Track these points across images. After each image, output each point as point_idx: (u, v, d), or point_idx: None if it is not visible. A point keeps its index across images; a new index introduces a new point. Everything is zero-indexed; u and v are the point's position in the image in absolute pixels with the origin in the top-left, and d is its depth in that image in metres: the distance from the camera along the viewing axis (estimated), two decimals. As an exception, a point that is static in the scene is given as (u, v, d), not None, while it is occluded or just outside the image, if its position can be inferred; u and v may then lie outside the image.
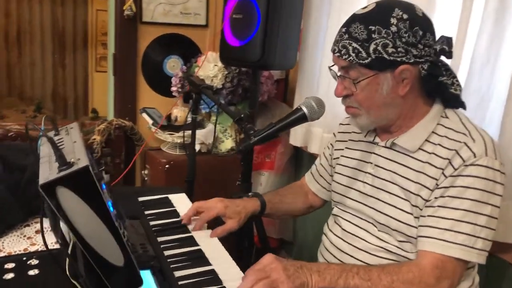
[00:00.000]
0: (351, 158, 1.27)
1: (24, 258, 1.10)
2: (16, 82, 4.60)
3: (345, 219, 1.25)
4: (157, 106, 2.56)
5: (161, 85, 2.60)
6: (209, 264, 1.11)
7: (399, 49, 1.04)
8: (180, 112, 2.41)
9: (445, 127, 1.10)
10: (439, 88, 1.12)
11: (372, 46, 1.04)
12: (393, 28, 1.04)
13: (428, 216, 1.05)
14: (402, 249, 1.12)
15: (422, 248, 1.04)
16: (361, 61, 1.06)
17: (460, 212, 1.01)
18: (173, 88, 2.45)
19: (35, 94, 4.62)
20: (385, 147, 1.17)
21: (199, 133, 2.34)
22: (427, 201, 1.06)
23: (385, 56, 1.04)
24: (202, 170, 2.20)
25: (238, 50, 1.97)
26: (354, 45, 1.06)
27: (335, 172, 1.32)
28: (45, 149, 0.92)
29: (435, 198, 1.05)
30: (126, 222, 1.22)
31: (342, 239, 1.23)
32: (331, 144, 1.41)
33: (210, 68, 2.33)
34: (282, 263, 0.98)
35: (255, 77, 2.07)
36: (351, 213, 1.24)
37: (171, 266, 1.08)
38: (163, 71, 2.62)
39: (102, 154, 2.39)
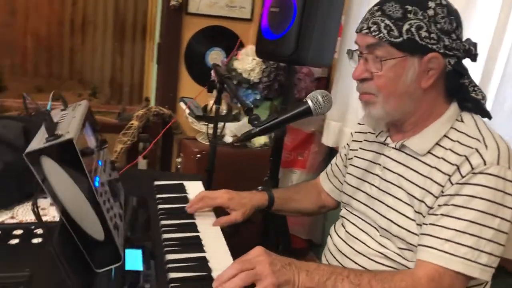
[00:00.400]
0: (363, 159, 1.23)
1: (32, 227, 1.15)
2: (77, 67, 4.84)
3: (350, 222, 1.21)
4: (196, 96, 2.60)
5: (202, 76, 2.63)
6: (203, 251, 1.11)
7: (432, 35, 0.99)
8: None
9: (459, 131, 1.03)
10: (460, 89, 1.06)
11: (406, 26, 0.99)
12: (430, 12, 0.99)
13: (430, 224, 0.99)
14: (402, 257, 1.06)
15: (420, 258, 0.98)
16: (392, 39, 1.00)
17: (464, 223, 0.94)
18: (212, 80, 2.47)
19: (94, 79, 4.84)
20: (395, 148, 1.12)
21: (233, 125, 2.36)
22: (430, 208, 1.00)
23: (417, 39, 0.99)
24: (231, 162, 2.22)
25: (273, 44, 1.95)
26: (387, 22, 1.00)
27: (347, 173, 1.28)
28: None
29: (439, 205, 0.98)
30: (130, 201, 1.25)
31: (344, 241, 1.19)
32: (347, 144, 1.37)
33: (248, 62, 2.33)
34: (270, 257, 0.95)
35: (289, 73, 2.05)
36: (357, 216, 1.20)
37: (165, 249, 1.10)
38: (205, 63, 2.66)
39: (138, 139, 2.47)
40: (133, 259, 1.01)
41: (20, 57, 4.64)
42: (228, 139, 2.36)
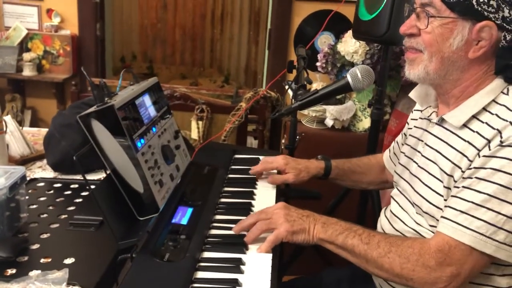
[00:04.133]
0: (414, 137, 1.19)
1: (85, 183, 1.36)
2: (216, 56, 5.27)
3: (395, 201, 1.19)
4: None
5: (310, 60, 2.67)
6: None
7: (491, 2, 0.93)
8: (319, 87, 2.47)
9: (499, 104, 0.95)
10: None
11: None
12: None
13: (452, 196, 0.95)
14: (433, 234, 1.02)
15: (437, 229, 0.96)
16: None
17: (482, 196, 0.89)
18: (318, 64, 2.52)
19: (230, 67, 5.22)
20: (437, 124, 1.07)
21: (334, 108, 2.38)
22: (456, 182, 0.96)
23: (474, 2, 0.93)
24: (330, 146, 2.26)
25: (367, 24, 1.92)
26: None
27: (401, 152, 1.25)
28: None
29: (463, 178, 0.93)
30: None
31: (388, 220, 1.18)
32: (407, 122, 1.32)
33: (351, 44, 2.32)
34: (287, 210, 1.04)
35: (385, 54, 1.99)
36: (402, 194, 1.17)
37: (216, 210, 1.21)
38: (314, 47, 2.70)
39: (246, 120, 2.64)
40: (182, 215, 1.15)
41: (170, 48, 5.24)
42: (329, 122, 2.38)
